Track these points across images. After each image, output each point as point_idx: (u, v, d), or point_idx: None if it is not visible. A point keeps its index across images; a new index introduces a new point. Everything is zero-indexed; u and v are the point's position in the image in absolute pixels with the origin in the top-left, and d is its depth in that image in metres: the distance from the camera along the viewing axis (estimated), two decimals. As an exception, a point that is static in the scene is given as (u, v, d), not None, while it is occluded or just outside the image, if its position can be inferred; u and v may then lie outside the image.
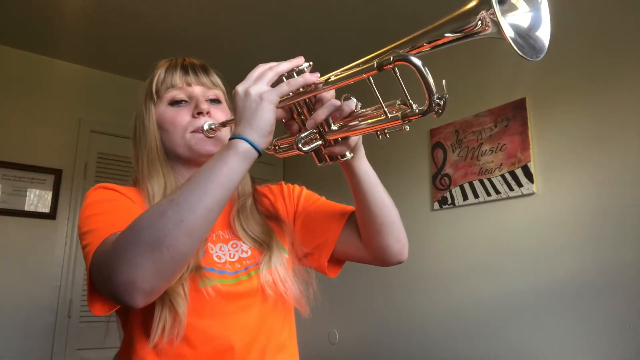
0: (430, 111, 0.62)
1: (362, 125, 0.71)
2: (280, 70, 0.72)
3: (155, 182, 0.88)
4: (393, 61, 0.62)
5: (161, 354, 0.79)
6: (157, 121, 0.92)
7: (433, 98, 0.61)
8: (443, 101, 0.61)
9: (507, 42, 0.54)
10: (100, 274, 0.67)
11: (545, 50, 0.59)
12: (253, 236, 0.90)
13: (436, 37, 0.61)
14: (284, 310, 0.90)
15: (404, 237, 0.91)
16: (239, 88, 0.72)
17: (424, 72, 0.60)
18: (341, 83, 0.69)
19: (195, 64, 0.96)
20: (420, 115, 0.63)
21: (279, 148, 0.83)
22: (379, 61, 0.63)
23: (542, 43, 0.60)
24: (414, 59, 0.60)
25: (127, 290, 0.63)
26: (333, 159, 0.79)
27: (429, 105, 0.62)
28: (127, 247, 0.63)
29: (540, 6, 0.60)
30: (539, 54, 0.59)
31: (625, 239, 1.81)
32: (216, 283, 0.81)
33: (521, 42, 0.57)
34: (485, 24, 0.56)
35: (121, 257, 0.63)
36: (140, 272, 0.62)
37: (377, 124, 0.69)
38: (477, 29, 0.57)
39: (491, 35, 0.56)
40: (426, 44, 0.62)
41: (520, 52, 0.55)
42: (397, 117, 0.66)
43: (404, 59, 0.61)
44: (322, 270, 0.97)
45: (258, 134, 0.69)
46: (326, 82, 0.72)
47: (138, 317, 0.82)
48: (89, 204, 0.80)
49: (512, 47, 0.54)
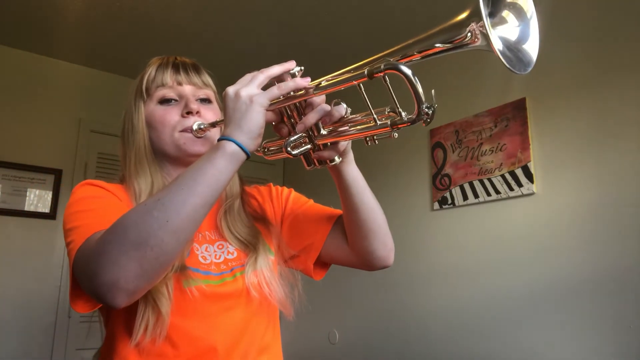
0: (419, 120, 0.63)
1: (352, 131, 0.72)
2: (272, 74, 0.73)
3: (142, 180, 0.87)
4: (383, 69, 0.63)
5: (143, 353, 0.78)
6: (147, 119, 0.91)
7: (422, 107, 0.62)
8: (432, 110, 0.63)
9: (496, 55, 0.55)
10: (84, 273, 0.66)
11: (533, 64, 0.60)
12: (239, 237, 0.90)
13: (426, 47, 0.62)
14: (268, 312, 0.89)
15: (390, 242, 0.91)
16: (230, 90, 0.72)
17: (414, 82, 0.61)
18: (332, 89, 0.70)
19: (187, 62, 0.95)
20: (409, 123, 0.65)
21: (268, 150, 0.83)
22: (370, 69, 0.64)
23: (530, 57, 0.61)
24: (404, 68, 0.61)
25: (110, 290, 0.62)
26: (322, 163, 0.79)
27: (418, 114, 0.63)
28: (111, 246, 0.63)
29: (529, 21, 0.61)
30: (527, 67, 0.60)
31: (625, 238, 1.81)
32: (200, 284, 0.81)
33: (509, 55, 0.58)
34: (474, 36, 0.56)
35: (104, 256, 0.62)
36: (124, 272, 0.61)
37: (366, 130, 0.70)
38: (467, 40, 0.58)
39: (480, 47, 0.57)
40: (417, 53, 0.63)
41: (508, 65, 0.56)
42: (386, 124, 0.67)
43: (394, 68, 0.62)
44: (308, 273, 0.96)
45: (247, 136, 0.69)
46: (317, 87, 0.72)
47: (121, 315, 0.81)
48: (74, 200, 0.80)
49: (501, 60, 0.55)
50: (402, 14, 2.48)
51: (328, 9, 2.48)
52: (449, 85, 2.52)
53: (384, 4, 2.43)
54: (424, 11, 2.43)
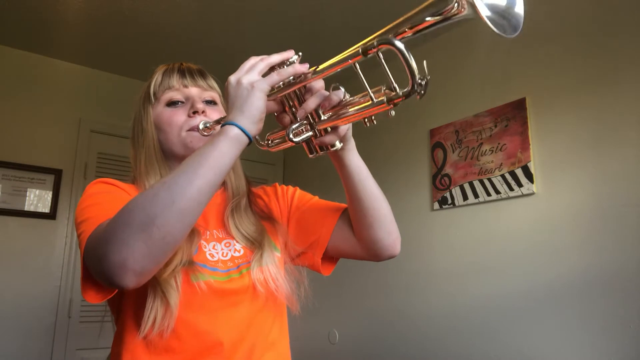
0: (414, 92, 0.65)
1: (350, 112, 0.74)
2: (271, 62, 0.75)
3: (152, 178, 0.90)
4: (377, 45, 0.65)
5: (150, 346, 0.80)
6: (155, 121, 0.94)
7: (415, 79, 0.64)
8: (425, 82, 0.64)
9: (483, 21, 0.57)
10: (93, 257, 0.68)
11: (520, 26, 0.62)
12: (246, 235, 0.92)
13: (417, 22, 0.64)
14: (274, 309, 0.91)
15: (395, 230, 0.92)
16: (232, 78, 0.75)
17: (407, 55, 0.63)
18: (329, 71, 0.72)
19: (193, 68, 0.99)
20: (404, 97, 0.66)
21: (272, 142, 0.85)
22: (364, 46, 0.67)
23: (518, 19, 0.62)
24: (397, 42, 0.63)
25: (119, 271, 0.64)
26: (323, 149, 0.81)
27: (412, 87, 0.64)
28: (118, 227, 0.65)
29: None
30: (516, 30, 0.61)
31: (625, 238, 1.81)
32: (209, 278, 0.83)
33: (497, 20, 0.59)
34: (461, 6, 0.59)
35: (113, 237, 0.64)
36: (131, 252, 0.63)
37: (364, 110, 0.72)
38: (454, 11, 0.60)
39: (468, 16, 0.59)
40: (408, 29, 0.65)
41: (496, 29, 0.57)
42: (383, 101, 0.69)
43: (387, 42, 0.64)
44: (316, 268, 0.98)
45: (249, 120, 0.72)
46: (315, 71, 0.74)
47: (130, 309, 0.83)
48: (86, 196, 0.83)
49: (488, 24, 0.57)
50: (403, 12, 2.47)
51: (329, 9, 2.48)
52: (449, 85, 2.52)
53: (385, 2, 2.43)
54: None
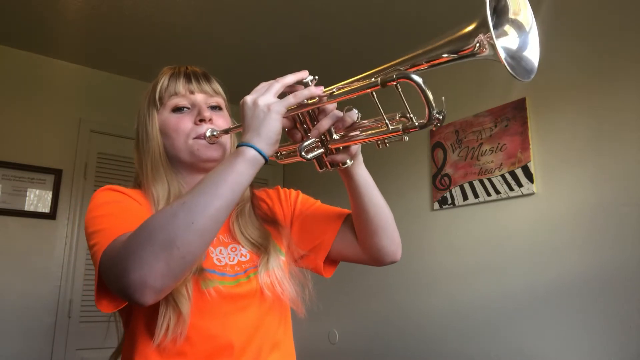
0: (430, 124, 0.67)
1: (363, 136, 0.76)
2: (287, 82, 0.77)
3: (159, 186, 0.91)
4: (396, 78, 0.67)
5: (163, 353, 0.81)
6: (160, 127, 0.95)
7: (433, 113, 0.66)
8: (442, 115, 0.66)
9: (502, 64, 0.59)
10: (111, 273, 0.69)
11: (535, 71, 0.64)
12: (251, 240, 0.93)
13: (434, 57, 0.66)
14: (280, 310, 0.93)
15: (397, 237, 0.95)
16: (248, 98, 0.76)
17: (425, 89, 0.65)
18: (345, 97, 0.74)
19: (198, 72, 1.00)
20: (419, 128, 0.69)
21: (281, 155, 0.87)
22: (383, 78, 0.68)
23: (532, 64, 0.65)
24: (416, 77, 0.65)
25: (139, 289, 0.64)
26: (334, 165, 0.84)
27: (429, 119, 0.67)
28: (139, 247, 0.65)
29: (529, 33, 0.65)
30: (530, 74, 0.64)
31: (625, 238, 1.81)
32: (218, 284, 0.85)
33: (513, 64, 0.61)
34: (482, 46, 0.60)
35: (133, 256, 0.65)
36: (152, 272, 0.64)
37: (378, 135, 0.74)
38: (475, 50, 0.61)
39: (487, 57, 0.61)
40: (425, 63, 0.67)
41: (513, 73, 0.60)
42: (398, 129, 0.71)
43: (406, 77, 0.66)
44: (318, 271, 1.00)
45: (265, 142, 0.73)
46: (330, 95, 0.76)
47: (142, 316, 0.84)
48: (96, 205, 0.83)
49: (507, 68, 0.59)
50: (408, 13, 2.47)
51: (329, 9, 2.48)
52: (449, 85, 2.52)
53: (388, 3, 2.43)
54: (429, 14, 2.43)
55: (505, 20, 0.64)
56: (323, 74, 0.76)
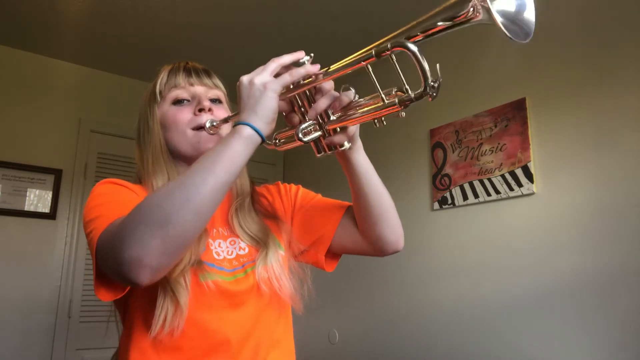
0: (425, 94, 0.65)
1: (360, 113, 0.74)
2: (283, 62, 0.76)
3: (159, 178, 0.91)
4: (390, 47, 0.65)
5: (159, 345, 0.81)
6: (161, 120, 0.95)
7: (428, 82, 0.64)
8: (437, 84, 0.65)
9: (498, 26, 0.57)
10: (107, 254, 0.69)
11: (532, 31, 0.63)
12: (250, 234, 0.93)
13: (429, 27, 0.65)
14: (279, 307, 0.92)
15: (399, 227, 0.94)
16: (244, 78, 0.76)
17: (420, 58, 0.63)
18: (341, 72, 0.73)
19: (198, 67, 1.00)
20: (415, 99, 0.67)
21: (279, 141, 0.86)
22: (377, 49, 0.67)
23: (529, 25, 0.63)
24: (411, 45, 0.64)
25: (134, 267, 0.64)
26: (331, 148, 0.82)
27: (424, 89, 0.65)
28: (134, 225, 0.65)
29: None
30: (528, 35, 0.62)
31: (625, 238, 1.81)
32: (216, 278, 0.84)
33: (509, 26, 0.60)
34: (476, 11, 0.59)
35: (129, 235, 0.65)
36: (148, 249, 0.64)
37: (375, 111, 0.72)
38: (470, 15, 0.60)
39: (482, 21, 0.60)
40: (420, 34, 0.65)
41: (510, 35, 0.58)
42: (394, 102, 0.69)
43: (401, 45, 0.64)
44: (320, 265, 0.99)
45: (262, 121, 0.72)
46: (326, 72, 0.75)
47: (139, 309, 0.84)
48: (94, 195, 0.83)
49: (503, 30, 0.58)
50: (408, 13, 2.47)
51: (330, 7, 2.48)
52: (449, 85, 2.52)
53: (388, 3, 2.43)
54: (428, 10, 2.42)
55: None
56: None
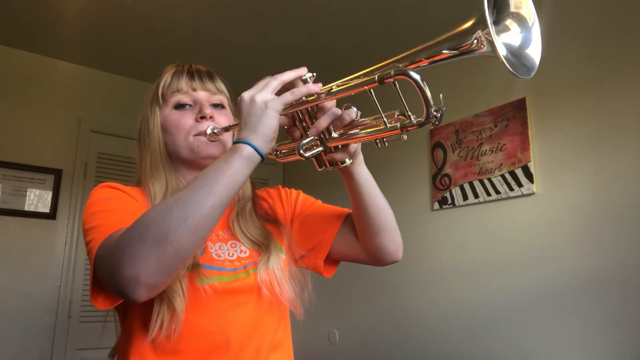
0: (428, 123, 0.66)
1: (362, 134, 0.75)
2: (285, 80, 0.76)
3: (157, 182, 0.90)
4: (393, 75, 0.66)
5: (158, 349, 0.81)
6: (162, 124, 0.95)
7: (431, 111, 0.65)
8: (440, 113, 0.65)
9: (501, 60, 0.57)
10: (105, 268, 0.69)
11: (535, 68, 0.63)
12: (252, 238, 0.93)
13: (434, 54, 0.65)
14: (279, 311, 0.92)
15: (398, 237, 0.94)
16: (245, 95, 0.75)
17: (422, 86, 0.64)
18: (343, 94, 0.73)
19: (201, 70, 0.99)
20: (417, 126, 0.68)
21: (280, 153, 0.86)
22: (381, 75, 0.67)
23: (533, 62, 0.63)
24: (413, 73, 0.64)
25: (131, 285, 0.64)
26: (333, 164, 0.82)
27: (427, 117, 0.65)
28: (132, 242, 0.65)
29: (531, 28, 0.64)
30: (530, 72, 0.63)
31: (625, 238, 1.81)
32: (213, 281, 0.84)
33: (513, 61, 0.60)
34: (480, 43, 0.59)
35: (126, 252, 0.65)
36: (145, 267, 0.64)
37: (376, 133, 0.73)
38: (473, 47, 0.60)
39: (486, 53, 0.60)
40: (424, 59, 0.66)
41: (512, 70, 0.58)
42: (396, 127, 0.70)
43: (403, 74, 0.65)
44: (318, 271, 0.99)
45: (262, 140, 0.72)
46: (328, 92, 0.75)
47: (137, 313, 0.84)
48: (93, 201, 0.83)
49: (505, 65, 0.58)
50: (407, 13, 2.48)
51: (330, 8, 2.48)
52: (449, 85, 2.52)
53: (388, 3, 2.43)
54: (429, 13, 2.43)
55: (507, 14, 0.63)
56: (329, 74, 0.76)
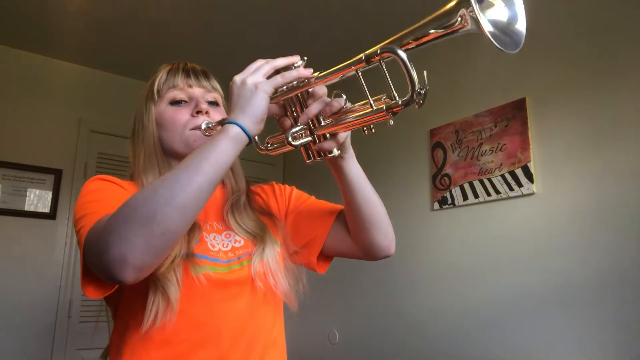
0: (412, 101, 0.66)
1: (350, 118, 0.75)
2: (277, 65, 0.76)
3: (150, 175, 0.91)
4: (380, 53, 0.66)
5: (150, 339, 0.80)
6: (157, 119, 0.95)
7: (415, 89, 0.64)
8: (424, 92, 0.65)
9: (486, 36, 0.57)
10: (93, 252, 0.69)
11: (522, 42, 0.63)
12: (247, 229, 0.93)
13: (421, 35, 0.65)
14: (274, 305, 0.92)
15: (391, 232, 0.94)
16: (236, 78, 0.76)
17: (408, 64, 0.64)
18: (331, 77, 0.74)
19: (197, 68, 1.00)
20: (402, 106, 0.67)
21: (271, 146, 0.86)
22: (367, 54, 0.68)
23: (520, 36, 0.63)
24: (400, 51, 0.64)
25: (118, 266, 0.64)
26: (321, 155, 0.82)
27: (411, 96, 0.65)
28: (119, 223, 0.65)
29: (514, 2, 0.64)
30: (517, 46, 0.62)
31: (625, 238, 1.81)
32: (208, 271, 0.84)
33: (499, 36, 0.60)
34: (464, 21, 0.59)
35: (113, 233, 0.64)
36: (132, 248, 0.63)
37: (363, 117, 0.73)
38: (458, 25, 0.60)
39: (471, 30, 0.60)
40: (412, 41, 0.66)
41: (499, 45, 0.58)
42: (382, 109, 0.69)
43: (390, 51, 0.65)
44: (312, 267, 1.00)
45: (250, 120, 0.73)
46: (318, 76, 0.75)
47: (129, 304, 0.84)
48: (85, 193, 0.83)
49: (490, 40, 0.58)
50: (404, 13, 2.48)
51: (326, 10, 2.48)
52: (449, 85, 2.52)
53: (384, 2, 2.43)
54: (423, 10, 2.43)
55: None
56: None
